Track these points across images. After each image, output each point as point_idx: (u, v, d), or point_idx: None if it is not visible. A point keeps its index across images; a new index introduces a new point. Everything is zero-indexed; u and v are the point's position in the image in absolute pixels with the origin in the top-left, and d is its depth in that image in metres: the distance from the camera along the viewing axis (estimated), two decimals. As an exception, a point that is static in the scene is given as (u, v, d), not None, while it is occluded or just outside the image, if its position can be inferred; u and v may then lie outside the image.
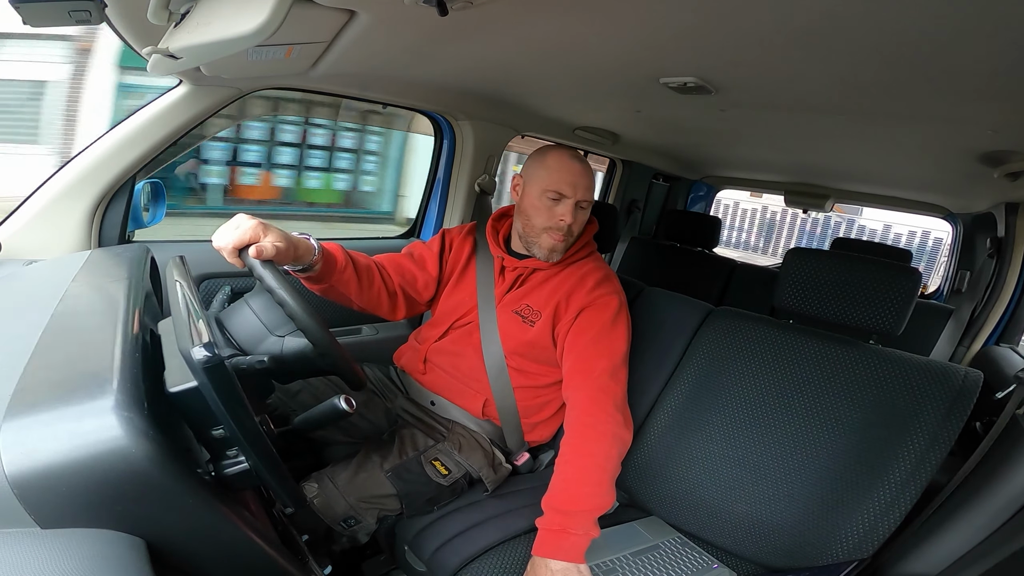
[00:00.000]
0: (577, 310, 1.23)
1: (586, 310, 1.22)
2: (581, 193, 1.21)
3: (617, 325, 1.22)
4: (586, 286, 1.24)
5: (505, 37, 1.04)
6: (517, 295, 1.29)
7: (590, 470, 1.05)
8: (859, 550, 1.03)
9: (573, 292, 1.24)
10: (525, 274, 1.30)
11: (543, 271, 1.29)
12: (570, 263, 1.29)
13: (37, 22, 0.80)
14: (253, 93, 1.32)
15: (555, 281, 1.27)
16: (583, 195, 1.22)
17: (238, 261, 0.91)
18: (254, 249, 0.89)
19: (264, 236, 0.91)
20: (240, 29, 0.72)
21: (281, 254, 0.93)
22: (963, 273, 2.56)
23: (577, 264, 1.30)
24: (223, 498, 0.61)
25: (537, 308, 1.26)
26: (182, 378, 0.60)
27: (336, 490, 1.10)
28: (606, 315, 1.22)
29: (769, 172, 2.89)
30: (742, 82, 1.18)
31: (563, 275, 1.28)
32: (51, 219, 1.19)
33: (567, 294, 1.24)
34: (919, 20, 0.71)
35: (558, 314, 1.24)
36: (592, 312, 1.22)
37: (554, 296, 1.25)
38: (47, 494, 0.50)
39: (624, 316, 1.25)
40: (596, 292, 1.24)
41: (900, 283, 1.13)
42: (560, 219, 1.21)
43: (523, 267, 1.30)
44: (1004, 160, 1.38)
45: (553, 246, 1.24)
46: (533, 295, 1.27)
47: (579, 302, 1.23)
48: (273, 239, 0.92)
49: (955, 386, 1.07)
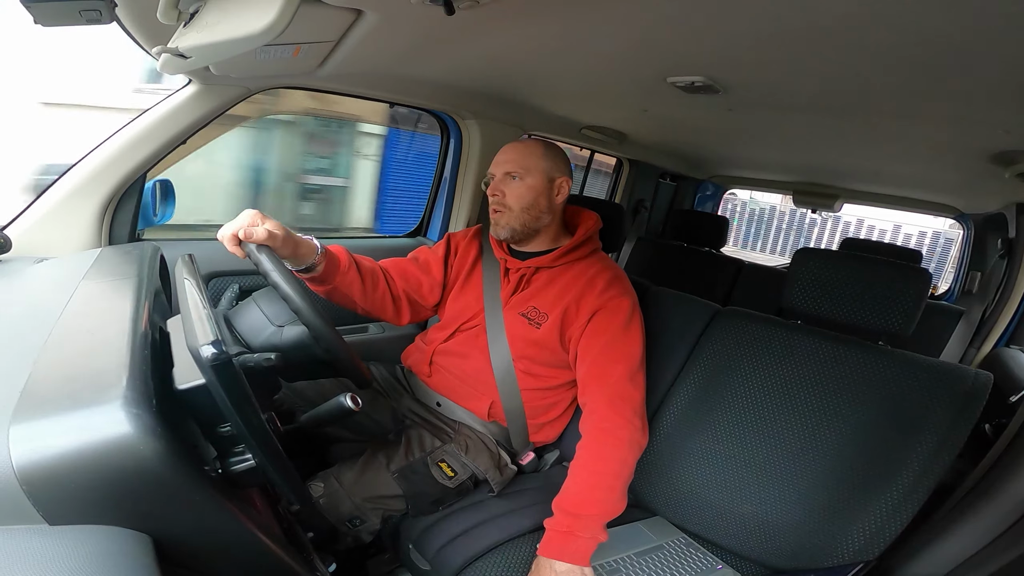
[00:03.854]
0: (589, 313, 1.21)
1: (599, 313, 1.20)
2: (503, 167, 1.26)
3: (632, 327, 1.20)
4: (596, 288, 1.23)
5: (511, 36, 1.04)
6: (523, 297, 1.28)
7: (605, 476, 1.05)
8: (866, 552, 1.03)
9: (584, 294, 1.23)
10: (528, 274, 1.29)
11: (546, 270, 1.28)
12: (574, 261, 1.28)
13: (48, 21, 0.80)
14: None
15: (562, 282, 1.26)
16: (505, 168, 1.25)
17: (238, 250, 0.94)
18: (242, 232, 0.92)
19: (261, 223, 0.94)
20: (249, 29, 0.73)
21: (275, 240, 0.95)
22: (974, 274, 2.54)
23: (584, 263, 1.28)
24: (230, 495, 0.61)
25: (544, 310, 1.24)
26: (190, 375, 0.60)
27: (342, 490, 1.11)
28: (620, 317, 1.20)
29: (777, 172, 2.88)
30: (750, 81, 1.17)
31: (570, 275, 1.26)
32: (62, 217, 1.20)
33: (577, 297, 1.23)
34: (931, 19, 0.71)
35: (568, 318, 1.22)
36: (605, 315, 1.20)
37: (563, 298, 1.23)
38: (55, 490, 0.50)
39: (638, 317, 1.23)
40: (608, 294, 1.22)
41: (910, 284, 1.12)
42: (491, 194, 1.27)
43: (526, 267, 1.29)
44: (1016, 160, 1.37)
45: (495, 220, 1.27)
46: (539, 297, 1.26)
47: (591, 305, 1.21)
48: (269, 226, 0.94)
49: (965, 388, 1.06)
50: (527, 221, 1.25)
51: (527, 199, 1.24)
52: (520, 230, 1.26)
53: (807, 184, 2.91)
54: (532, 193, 1.24)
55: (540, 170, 1.25)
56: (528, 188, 1.24)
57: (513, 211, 1.24)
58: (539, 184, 1.25)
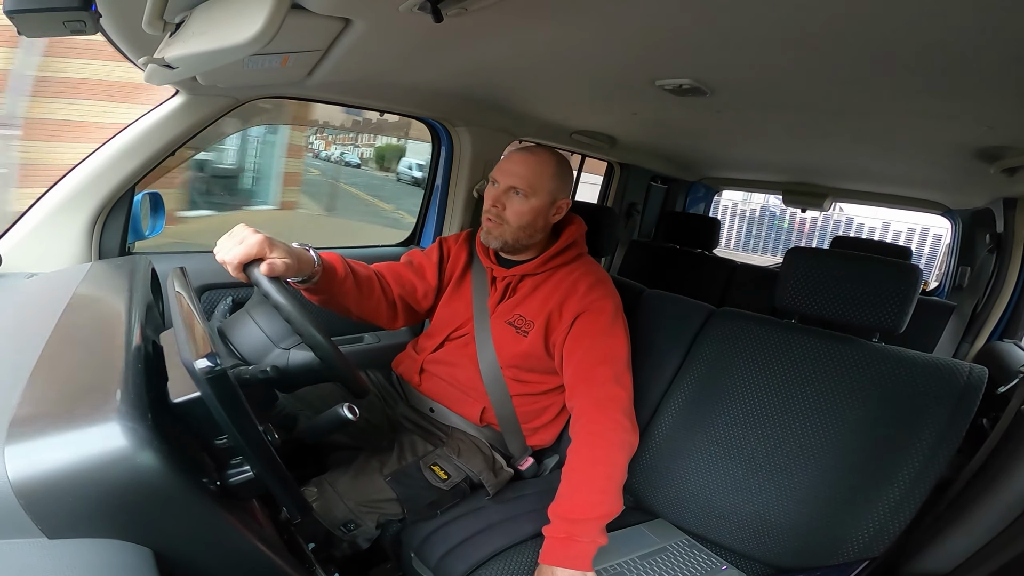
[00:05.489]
0: (572, 317, 1.21)
1: (581, 316, 1.20)
2: (510, 179, 1.22)
3: (615, 328, 1.20)
4: (579, 291, 1.23)
5: (500, 42, 1.04)
6: (509, 305, 1.28)
7: (598, 479, 1.05)
8: (869, 549, 1.03)
9: (566, 299, 1.23)
10: (514, 282, 1.29)
11: (532, 277, 1.28)
12: (559, 267, 1.28)
13: (32, 32, 0.80)
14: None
15: (546, 288, 1.26)
16: (512, 181, 1.21)
17: (243, 276, 0.90)
18: (266, 267, 0.89)
19: (270, 252, 0.91)
20: (235, 38, 0.73)
21: (289, 270, 0.93)
22: (964, 269, 2.56)
23: (567, 268, 1.28)
24: (229, 507, 0.61)
25: (530, 318, 1.24)
26: (185, 389, 0.60)
27: (336, 494, 1.10)
28: (603, 319, 1.20)
29: (766, 172, 2.90)
30: (737, 83, 1.18)
31: (553, 281, 1.26)
32: (51, 232, 1.18)
33: (560, 301, 1.23)
34: (913, 17, 0.72)
35: (551, 323, 1.22)
36: (588, 317, 1.20)
37: (546, 304, 1.23)
38: (53, 504, 0.50)
39: (621, 318, 1.23)
40: (590, 297, 1.22)
41: (901, 280, 1.13)
42: (490, 203, 1.23)
43: (511, 275, 1.29)
44: (1001, 155, 1.38)
45: (488, 229, 1.25)
46: (525, 304, 1.26)
47: (573, 308, 1.21)
48: (279, 255, 0.92)
49: (960, 383, 1.07)
50: (521, 238, 1.25)
51: (526, 219, 1.23)
52: (512, 244, 1.25)
53: (796, 184, 2.93)
54: (533, 214, 1.23)
55: (547, 191, 1.23)
56: (530, 208, 1.22)
57: (510, 227, 1.23)
58: (542, 206, 1.23)
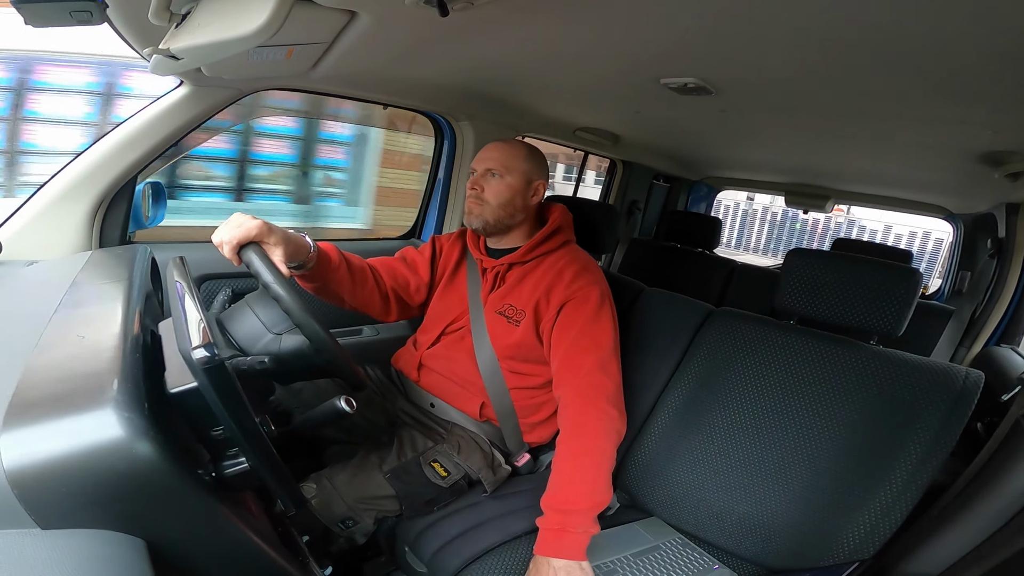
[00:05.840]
0: (558, 305, 1.21)
1: (567, 304, 1.21)
2: (486, 164, 1.29)
3: (601, 316, 1.20)
4: (564, 279, 1.24)
5: (506, 38, 1.04)
6: (499, 295, 1.29)
7: (586, 469, 1.05)
8: (860, 551, 1.03)
9: (553, 287, 1.24)
10: (503, 271, 1.31)
11: (520, 266, 1.30)
12: (546, 255, 1.29)
13: (39, 22, 0.80)
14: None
15: (534, 277, 1.27)
16: (488, 164, 1.28)
17: (236, 258, 0.91)
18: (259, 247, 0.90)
19: (268, 236, 0.92)
20: (241, 30, 0.73)
21: (284, 254, 0.95)
22: (964, 274, 2.56)
23: (554, 256, 1.29)
24: (223, 498, 0.61)
25: (520, 307, 1.25)
26: (182, 379, 0.60)
27: (334, 491, 1.10)
28: (588, 308, 1.20)
29: (769, 173, 2.90)
30: (742, 83, 1.18)
31: (541, 270, 1.28)
32: (52, 220, 1.19)
33: (547, 290, 1.24)
34: (919, 21, 0.71)
35: (539, 311, 1.23)
36: (574, 306, 1.21)
37: (534, 293, 1.25)
38: (47, 494, 0.50)
39: (608, 305, 1.23)
40: (575, 285, 1.22)
41: (901, 283, 1.13)
42: (470, 187, 1.30)
43: (500, 264, 1.30)
44: (1004, 161, 1.38)
45: (470, 209, 1.30)
46: (514, 294, 1.28)
47: (559, 296, 1.22)
48: (276, 240, 0.93)
49: (956, 387, 1.07)
50: (501, 217, 1.28)
51: (504, 196, 1.28)
52: (493, 223, 1.28)
53: (799, 185, 2.93)
54: (510, 192, 1.28)
55: (521, 171, 1.28)
56: (507, 186, 1.27)
57: (490, 205, 1.27)
58: (518, 184, 1.28)
